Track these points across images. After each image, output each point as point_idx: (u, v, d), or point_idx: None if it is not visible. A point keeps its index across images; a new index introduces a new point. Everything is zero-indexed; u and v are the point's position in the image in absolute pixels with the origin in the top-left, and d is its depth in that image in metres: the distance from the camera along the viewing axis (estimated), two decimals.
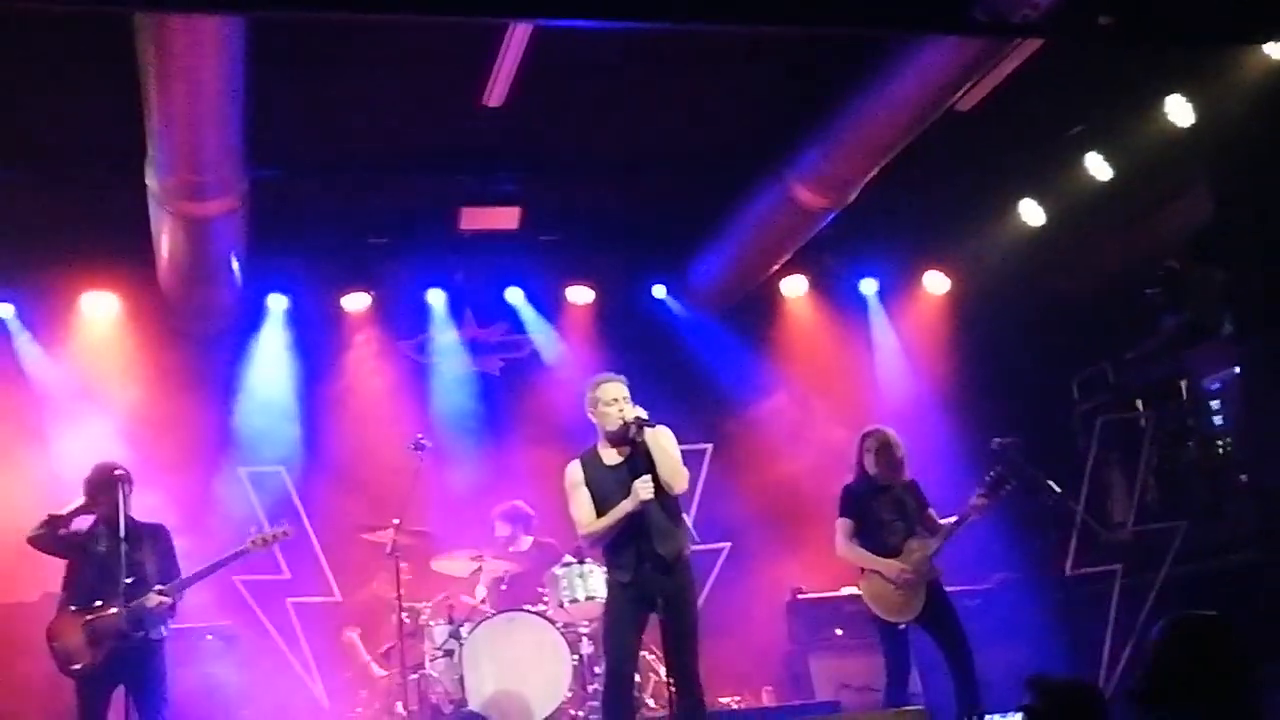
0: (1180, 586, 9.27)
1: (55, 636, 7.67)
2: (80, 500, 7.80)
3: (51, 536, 7.77)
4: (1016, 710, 6.57)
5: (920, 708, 7.86)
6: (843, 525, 8.23)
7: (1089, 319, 10.66)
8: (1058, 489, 8.67)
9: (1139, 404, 10.21)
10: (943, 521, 8.18)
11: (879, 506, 8.18)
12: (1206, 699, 3.65)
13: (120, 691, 7.63)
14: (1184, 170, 9.39)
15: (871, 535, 8.15)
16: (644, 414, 6.98)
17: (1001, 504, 8.22)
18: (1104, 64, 8.70)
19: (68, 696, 7.68)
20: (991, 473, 8.12)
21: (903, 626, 8.05)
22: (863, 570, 8.18)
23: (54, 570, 7.88)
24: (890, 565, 8.02)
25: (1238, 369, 9.09)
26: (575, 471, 7.16)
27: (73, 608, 7.68)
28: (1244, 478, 9.08)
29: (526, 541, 9.86)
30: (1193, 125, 8.90)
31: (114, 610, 7.55)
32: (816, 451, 10.68)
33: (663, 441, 7.00)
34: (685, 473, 7.07)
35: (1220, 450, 9.35)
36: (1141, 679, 3.81)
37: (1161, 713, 3.72)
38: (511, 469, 10.68)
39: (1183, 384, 9.71)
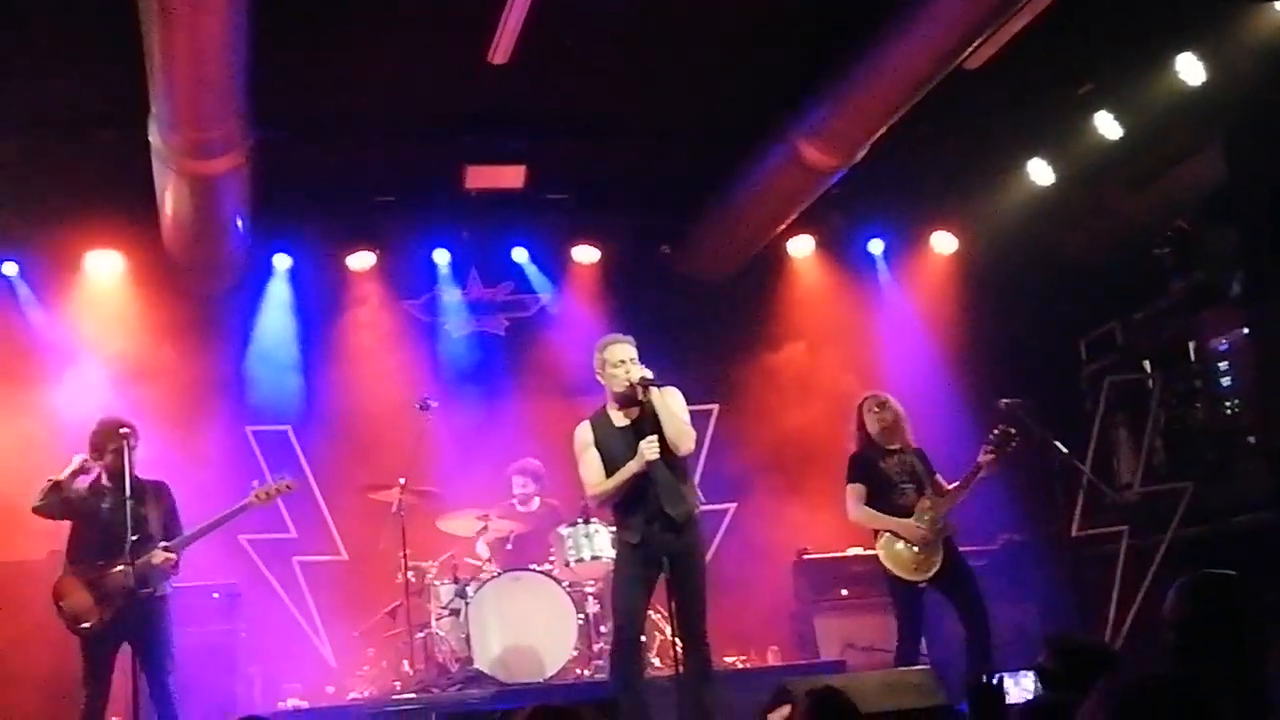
0: (1187, 548, 9.25)
1: (62, 596, 7.67)
2: (78, 460, 7.78)
3: (56, 503, 7.75)
4: (1030, 668, 6.60)
5: (927, 667, 7.86)
6: (854, 491, 8.20)
7: (1098, 279, 10.61)
8: (1065, 449, 8.65)
9: (1147, 365, 10.16)
10: (951, 486, 8.17)
11: (888, 469, 8.16)
12: (1226, 657, 3.65)
13: (126, 649, 7.65)
14: (1195, 130, 9.32)
15: (883, 498, 8.12)
16: (649, 374, 6.96)
17: (1009, 461, 8.20)
18: (1114, 21, 8.63)
19: (75, 654, 7.70)
20: (998, 429, 8.11)
21: (921, 586, 8.05)
22: (877, 532, 8.16)
23: (61, 528, 7.88)
24: (907, 525, 8.00)
25: (1246, 330, 9.04)
26: (585, 433, 7.15)
27: (78, 566, 7.69)
28: (1252, 439, 9.04)
29: (535, 501, 9.88)
30: (1204, 84, 8.83)
31: (120, 568, 7.56)
32: (824, 412, 10.66)
33: (670, 402, 6.98)
34: (692, 434, 7.04)
35: (1228, 412, 9.31)
36: (1166, 638, 3.81)
37: (1185, 670, 3.72)
38: (517, 428, 10.70)
39: (1191, 345, 9.65)
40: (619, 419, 7.05)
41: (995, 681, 4.42)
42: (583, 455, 7.10)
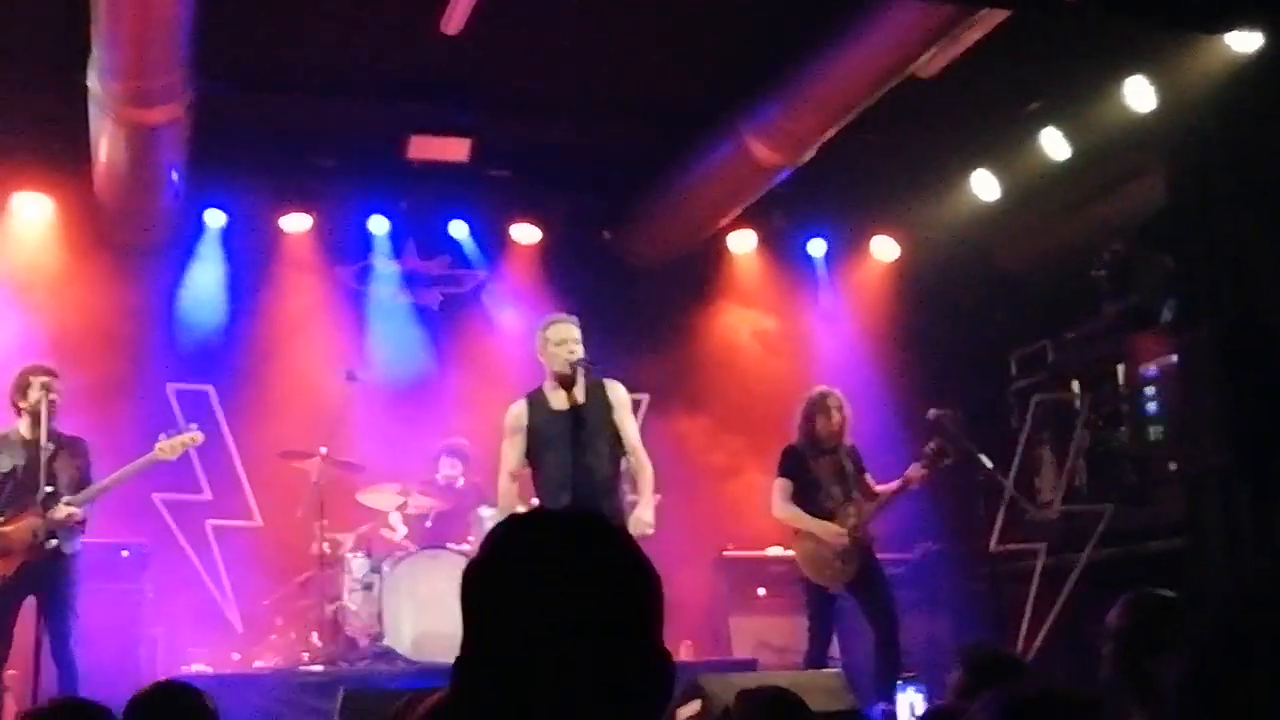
0: (1103, 568, 9.35)
1: None
2: None
3: None
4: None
5: (837, 671, 7.88)
6: (782, 485, 8.20)
7: (1033, 296, 10.70)
8: (989, 463, 8.72)
9: (1075, 385, 10.26)
10: (879, 488, 8.20)
11: (819, 469, 8.18)
12: (1157, 667, 3.77)
13: (31, 602, 7.52)
14: (1140, 155, 9.41)
15: (809, 498, 8.14)
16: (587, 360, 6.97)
17: (938, 476, 8.26)
18: (1068, 41, 8.68)
19: None
20: (932, 444, 8.16)
21: (832, 592, 8.07)
22: (796, 532, 8.17)
23: None
24: (828, 529, 8.02)
25: (1175, 358, 9.14)
26: (520, 415, 7.11)
27: None
28: (1173, 466, 9.15)
29: (460, 480, 9.76)
30: (1153, 111, 8.91)
31: (25, 521, 7.42)
32: (753, 409, 10.66)
33: (615, 397, 7.03)
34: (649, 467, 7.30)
35: (1151, 438, 9.42)
36: (1105, 646, 3.95)
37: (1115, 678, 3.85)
38: (444, 405, 10.60)
39: (1120, 368, 9.76)
40: (558, 401, 7.03)
41: None
42: (510, 437, 7.08)
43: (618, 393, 7.16)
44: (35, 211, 10.11)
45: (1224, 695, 1.87)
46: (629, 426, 7.25)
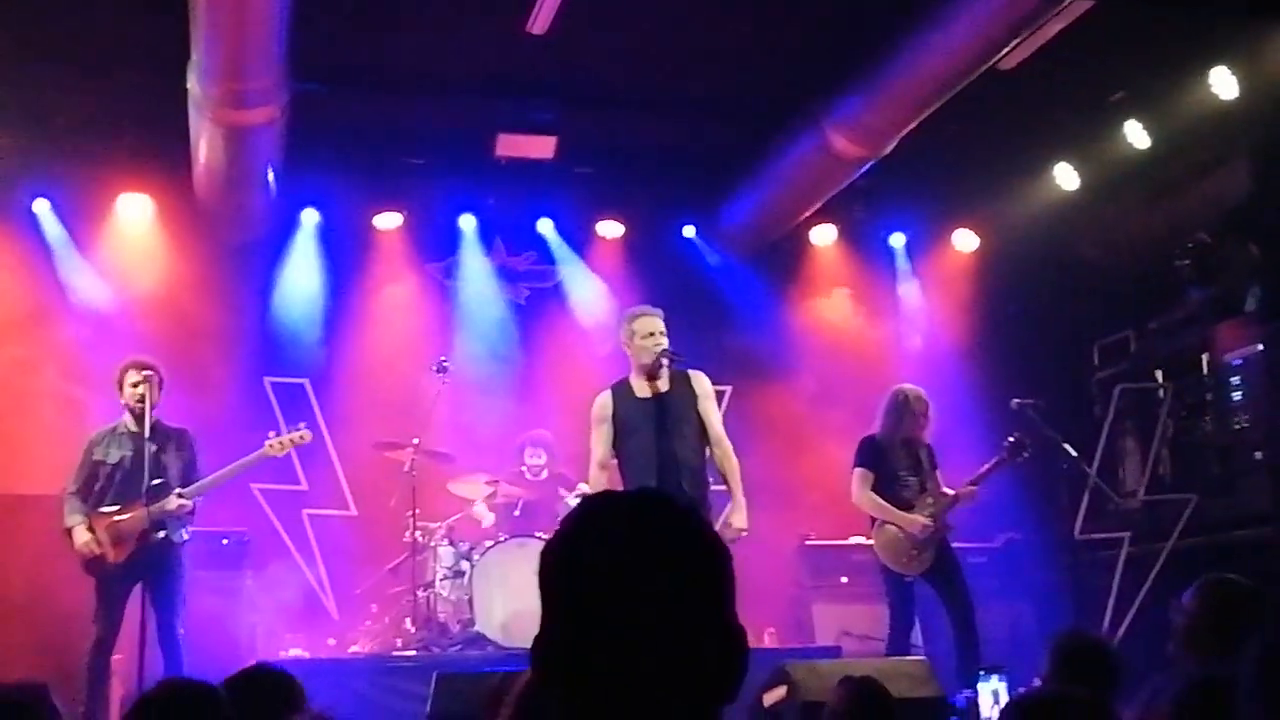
0: (1186, 558, 9.32)
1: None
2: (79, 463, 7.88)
3: (82, 494, 7.85)
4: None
5: (922, 658, 7.95)
6: (862, 475, 8.29)
7: (1116, 286, 10.66)
8: (1073, 452, 8.73)
9: (1159, 374, 10.22)
10: (948, 491, 8.26)
11: (896, 461, 8.26)
12: (1227, 651, 3.80)
13: (139, 589, 7.77)
14: (1224, 144, 9.37)
15: (887, 488, 8.22)
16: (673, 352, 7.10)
17: (1018, 468, 8.31)
18: (1150, 31, 8.67)
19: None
20: (1011, 437, 8.21)
21: (910, 579, 8.16)
22: (874, 520, 8.26)
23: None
24: (911, 520, 8.09)
25: (1260, 346, 9.09)
26: (605, 405, 7.22)
27: (98, 508, 7.80)
28: (1258, 455, 9.10)
29: (544, 471, 9.95)
30: (1236, 99, 8.87)
31: (136, 512, 7.68)
32: (835, 400, 10.73)
33: (700, 387, 7.11)
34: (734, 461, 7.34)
35: (1236, 427, 9.37)
36: (1177, 622, 3.98)
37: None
38: (531, 396, 10.80)
39: (1204, 358, 9.71)
40: (642, 390, 7.14)
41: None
42: (597, 427, 7.20)
43: (702, 383, 7.29)
44: (138, 211, 10.42)
45: None
46: (713, 417, 7.35)
